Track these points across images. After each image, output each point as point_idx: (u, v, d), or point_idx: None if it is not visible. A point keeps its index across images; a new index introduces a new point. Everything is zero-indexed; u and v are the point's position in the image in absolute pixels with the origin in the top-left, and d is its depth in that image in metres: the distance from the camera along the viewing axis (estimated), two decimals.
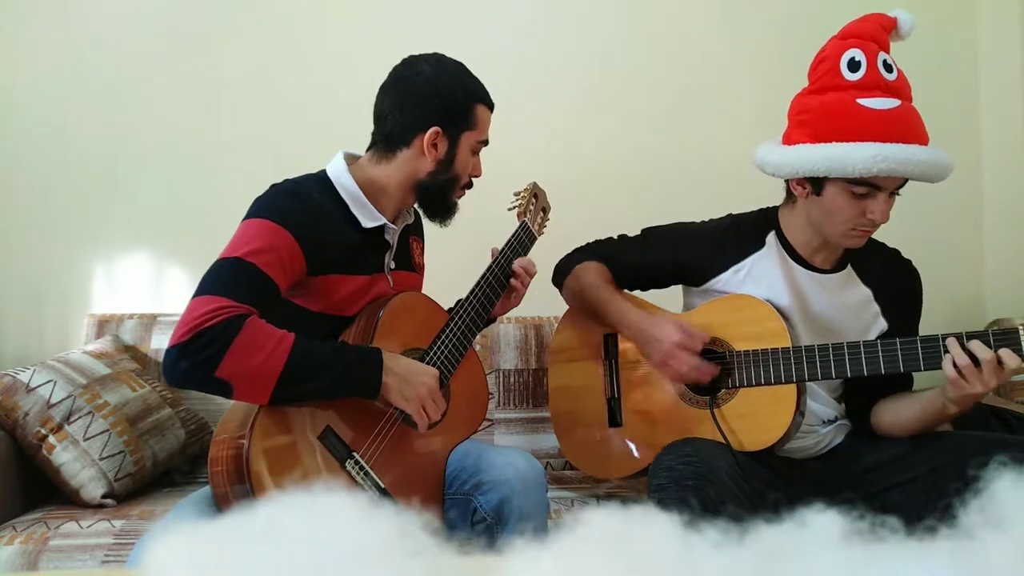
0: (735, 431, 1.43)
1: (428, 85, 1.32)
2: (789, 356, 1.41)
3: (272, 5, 2.24)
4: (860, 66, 1.34)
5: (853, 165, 1.29)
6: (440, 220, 1.44)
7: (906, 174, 1.31)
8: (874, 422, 1.47)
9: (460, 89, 1.35)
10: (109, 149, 2.19)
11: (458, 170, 1.37)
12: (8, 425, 1.64)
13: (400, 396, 1.21)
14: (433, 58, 1.37)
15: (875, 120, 1.31)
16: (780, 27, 2.36)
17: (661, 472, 1.29)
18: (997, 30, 2.38)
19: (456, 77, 1.35)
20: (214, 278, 1.14)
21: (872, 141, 1.29)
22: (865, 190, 1.33)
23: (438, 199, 1.39)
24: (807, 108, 1.40)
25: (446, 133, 1.34)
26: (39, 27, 2.18)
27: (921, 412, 1.38)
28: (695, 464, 1.27)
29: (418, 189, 1.37)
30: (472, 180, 1.43)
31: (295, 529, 0.43)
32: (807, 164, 1.35)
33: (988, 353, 1.24)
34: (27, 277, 2.17)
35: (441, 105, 1.33)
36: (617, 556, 0.43)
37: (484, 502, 1.27)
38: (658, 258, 1.59)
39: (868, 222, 1.36)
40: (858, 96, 1.33)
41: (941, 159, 1.32)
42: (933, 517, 0.50)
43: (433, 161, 1.34)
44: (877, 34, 1.38)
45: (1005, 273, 2.38)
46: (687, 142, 2.34)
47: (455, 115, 1.34)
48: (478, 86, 1.38)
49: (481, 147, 1.41)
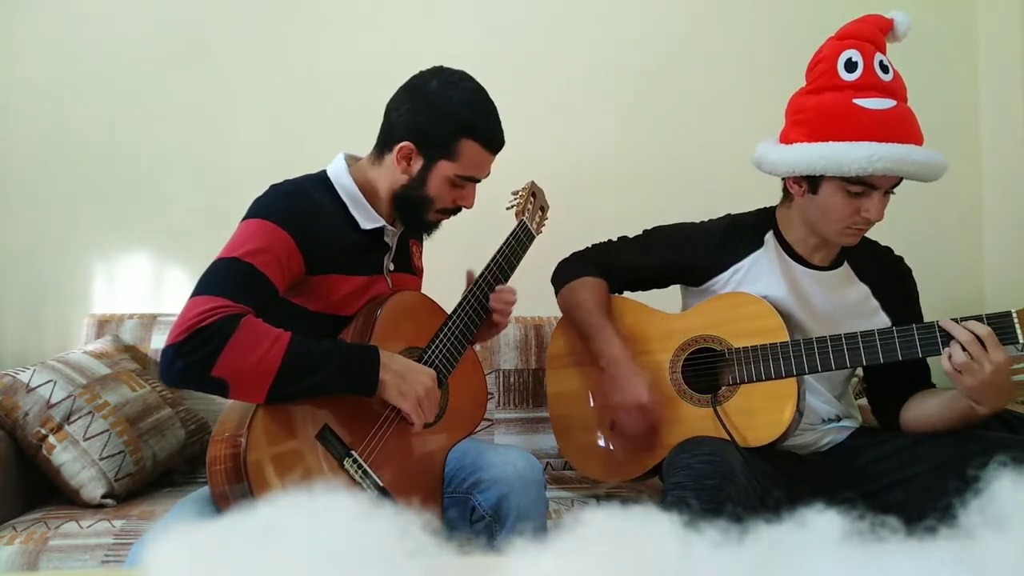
0: (737, 428, 1.43)
1: (424, 100, 1.30)
2: (788, 350, 1.42)
3: (273, 5, 2.24)
4: (857, 67, 1.36)
5: (849, 164, 1.31)
6: (415, 234, 1.44)
7: (902, 173, 1.33)
8: (903, 421, 1.48)
9: (452, 117, 1.29)
10: (109, 149, 2.19)
11: (430, 193, 1.34)
12: (8, 425, 1.64)
13: (397, 393, 1.21)
14: (454, 77, 1.33)
15: (871, 120, 1.33)
16: (776, 28, 2.37)
17: (679, 471, 1.29)
18: (997, 30, 2.38)
19: (456, 105, 1.29)
20: (211, 278, 1.15)
21: (868, 141, 1.31)
22: (860, 189, 1.35)
23: (411, 214, 1.37)
24: (804, 108, 1.41)
25: (421, 152, 1.31)
26: (39, 27, 2.18)
27: (948, 411, 1.38)
28: (716, 463, 1.27)
29: (395, 198, 1.36)
30: (460, 207, 1.39)
31: (294, 528, 0.43)
32: (804, 163, 1.37)
33: (984, 329, 1.26)
34: (27, 277, 2.16)
35: (422, 124, 1.30)
36: (617, 556, 0.42)
37: (483, 500, 1.27)
38: (658, 259, 1.60)
39: (863, 220, 1.38)
40: (855, 96, 1.35)
41: (936, 159, 1.34)
42: (933, 517, 0.50)
43: (405, 175, 1.33)
44: (874, 35, 1.39)
45: (1005, 273, 2.38)
46: (686, 142, 2.34)
47: (432, 140, 1.30)
48: (479, 123, 1.31)
49: (467, 183, 1.35)
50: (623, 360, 1.50)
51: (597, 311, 1.57)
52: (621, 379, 1.49)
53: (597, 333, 1.55)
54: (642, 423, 1.48)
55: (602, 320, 1.56)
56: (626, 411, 1.49)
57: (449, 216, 1.41)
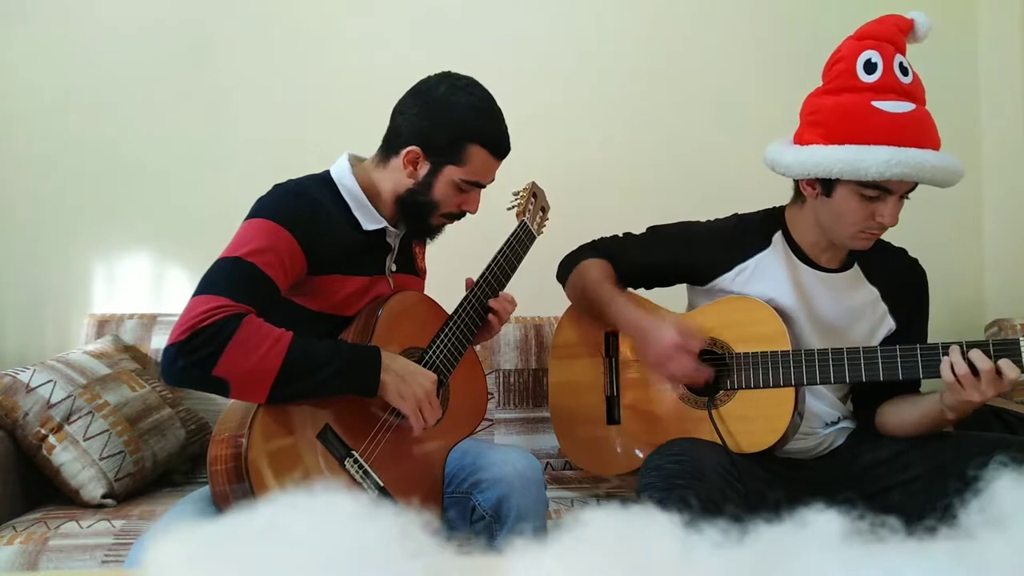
0: (733, 433, 1.43)
1: (431, 105, 1.31)
2: (788, 359, 1.41)
3: (274, 7, 2.24)
4: (876, 68, 1.33)
5: (867, 169, 1.28)
6: (418, 238, 1.44)
7: (919, 179, 1.30)
8: (878, 422, 1.47)
9: (459, 122, 1.30)
10: (109, 149, 2.19)
11: (436, 197, 1.34)
12: (8, 425, 1.64)
13: (397, 395, 1.21)
14: (461, 82, 1.33)
15: (890, 124, 1.30)
16: (781, 28, 2.36)
17: (649, 472, 1.30)
18: (997, 30, 2.38)
19: (463, 110, 1.30)
20: (213, 277, 1.15)
21: (886, 144, 1.29)
22: (876, 193, 1.32)
23: (415, 218, 1.37)
24: (821, 108, 1.38)
25: (427, 157, 1.32)
26: (40, 27, 2.18)
27: (921, 416, 1.39)
28: (684, 463, 1.27)
29: (399, 201, 1.36)
30: (464, 212, 1.39)
31: (295, 528, 0.43)
32: (820, 165, 1.34)
33: (987, 364, 1.24)
34: (27, 277, 2.16)
35: (429, 128, 1.30)
36: (617, 556, 0.42)
37: (483, 500, 1.27)
38: (663, 257, 1.59)
39: (877, 225, 1.36)
40: (873, 99, 1.32)
41: (952, 164, 1.32)
42: (933, 517, 0.50)
43: (411, 179, 1.33)
44: (894, 36, 1.36)
45: (1005, 273, 2.38)
46: (688, 142, 2.34)
47: (438, 144, 1.31)
48: (487, 128, 1.32)
49: (472, 188, 1.35)
50: (642, 317, 1.48)
51: (607, 284, 1.55)
52: (648, 334, 1.45)
53: (611, 302, 1.53)
54: (685, 363, 1.42)
55: (613, 291, 1.54)
56: (669, 359, 1.43)
57: (453, 221, 1.41)
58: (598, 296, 1.56)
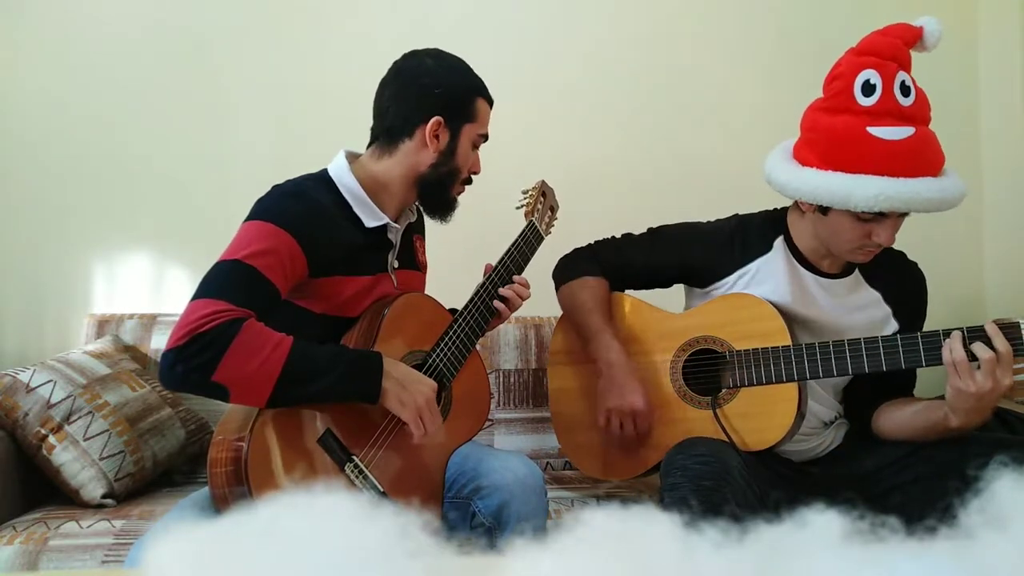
0: (737, 431, 1.43)
1: (430, 76, 1.33)
2: (790, 354, 1.41)
3: (274, 7, 2.24)
4: (875, 90, 1.29)
5: (855, 202, 1.28)
6: (440, 216, 1.43)
7: (909, 210, 1.30)
8: (874, 426, 1.47)
9: (462, 81, 1.36)
10: (109, 149, 2.19)
11: (459, 163, 1.37)
12: (8, 425, 1.64)
13: (397, 402, 1.20)
14: (434, 52, 1.39)
15: (884, 152, 1.28)
16: (779, 30, 2.36)
17: (675, 471, 1.29)
18: (997, 31, 2.38)
19: (457, 70, 1.37)
20: (213, 281, 1.13)
21: (879, 174, 1.27)
22: (871, 216, 1.32)
23: (438, 193, 1.39)
24: (818, 127, 1.37)
25: (448, 124, 1.34)
26: (40, 27, 2.18)
27: (924, 420, 1.37)
28: (712, 464, 1.27)
29: (419, 183, 1.37)
30: (472, 176, 1.43)
31: (295, 529, 0.43)
32: (812, 192, 1.34)
33: (988, 353, 1.23)
34: (27, 277, 2.16)
35: (443, 95, 1.33)
36: (617, 556, 0.42)
37: (483, 507, 1.26)
38: (664, 259, 1.59)
39: (874, 244, 1.36)
40: (869, 124, 1.29)
41: (947, 193, 1.30)
42: (933, 517, 0.50)
43: (435, 152, 1.34)
44: (897, 51, 1.32)
45: (1005, 273, 2.38)
46: (689, 143, 2.34)
47: (457, 106, 1.35)
48: (478, 80, 1.39)
49: (481, 141, 1.41)
50: (619, 365, 1.50)
51: (596, 313, 1.57)
52: (617, 385, 1.49)
53: (596, 336, 1.55)
54: (634, 429, 1.49)
55: (601, 323, 1.55)
56: (620, 415, 1.49)
57: (463, 190, 1.43)
58: (586, 325, 1.58)
